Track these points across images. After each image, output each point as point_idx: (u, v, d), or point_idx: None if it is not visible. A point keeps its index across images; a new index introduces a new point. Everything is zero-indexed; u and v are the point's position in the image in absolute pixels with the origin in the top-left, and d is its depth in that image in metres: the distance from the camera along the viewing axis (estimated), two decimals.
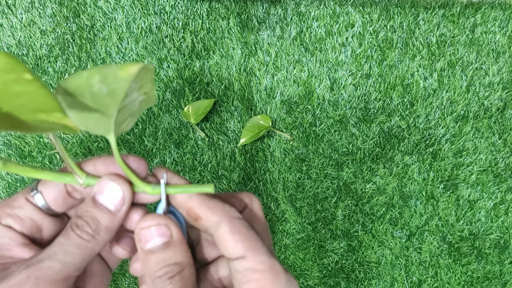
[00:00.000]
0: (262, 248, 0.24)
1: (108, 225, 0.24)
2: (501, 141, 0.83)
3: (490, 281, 0.82)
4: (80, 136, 0.84)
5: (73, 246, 0.23)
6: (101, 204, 0.24)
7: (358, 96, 0.83)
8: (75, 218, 0.24)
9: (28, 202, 0.25)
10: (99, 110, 0.20)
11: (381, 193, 0.83)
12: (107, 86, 0.19)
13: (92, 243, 0.24)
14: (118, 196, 0.24)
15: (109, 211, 0.24)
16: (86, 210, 0.24)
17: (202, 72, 0.84)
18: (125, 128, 0.24)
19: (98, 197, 0.24)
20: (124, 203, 0.24)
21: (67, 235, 0.23)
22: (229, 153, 0.84)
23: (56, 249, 0.23)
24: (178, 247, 0.24)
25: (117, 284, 0.84)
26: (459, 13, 0.84)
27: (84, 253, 0.23)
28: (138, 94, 0.21)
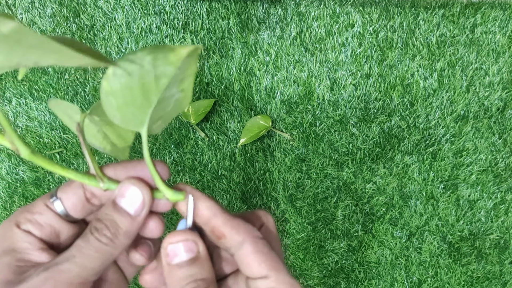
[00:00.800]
0: (283, 268, 0.24)
1: (128, 229, 0.24)
2: (501, 141, 0.83)
3: (490, 281, 0.82)
4: None
5: (92, 249, 0.23)
6: (121, 208, 0.24)
7: (358, 96, 0.83)
8: (94, 222, 0.24)
9: (47, 208, 0.25)
10: (141, 96, 0.20)
11: (381, 193, 0.83)
12: (155, 69, 0.19)
13: (111, 246, 0.24)
14: (139, 200, 0.24)
15: (129, 215, 0.24)
16: (106, 213, 0.24)
17: (202, 72, 0.84)
18: (156, 130, 0.24)
19: (119, 201, 0.24)
20: (144, 208, 0.24)
21: (86, 239, 0.23)
22: (229, 153, 0.84)
23: (75, 252, 0.23)
24: (204, 263, 0.25)
25: None
26: (459, 13, 0.84)
27: (102, 257, 0.23)
28: (176, 90, 0.21)
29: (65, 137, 0.84)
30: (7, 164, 0.85)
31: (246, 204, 0.83)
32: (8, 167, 0.85)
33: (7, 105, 0.87)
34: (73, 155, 0.84)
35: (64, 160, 0.84)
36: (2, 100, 0.87)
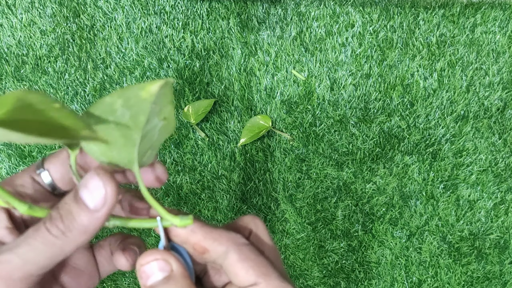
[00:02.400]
0: (273, 272, 0.23)
1: (83, 224, 0.21)
2: (501, 141, 0.83)
3: (490, 281, 0.82)
4: None
5: (40, 241, 0.20)
6: (80, 199, 0.21)
7: (358, 96, 0.83)
8: (53, 209, 0.21)
9: (32, 180, 0.23)
10: (123, 137, 0.20)
11: (381, 193, 0.83)
12: (130, 110, 0.19)
13: (62, 240, 0.21)
14: (100, 194, 0.21)
15: (87, 208, 0.21)
16: (65, 202, 0.21)
17: (202, 72, 0.84)
18: (146, 161, 0.23)
19: (81, 191, 0.21)
20: (105, 204, 0.21)
21: (37, 227, 0.21)
22: (229, 153, 0.84)
23: (21, 242, 0.20)
24: (179, 280, 0.23)
25: (117, 284, 0.84)
26: (459, 13, 0.84)
27: (50, 251, 0.21)
28: (158, 120, 0.21)
29: None
30: (7, 164, 0.85)
31: (246, 204, 0.83)
32: (8, 167, 0.85)
33: None
34: None
35: None
36: None
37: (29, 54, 0.87)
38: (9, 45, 0.87)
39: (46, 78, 0.86)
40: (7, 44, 0.87)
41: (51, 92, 0.86)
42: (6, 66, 0.86)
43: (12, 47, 0.87)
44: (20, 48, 0.87)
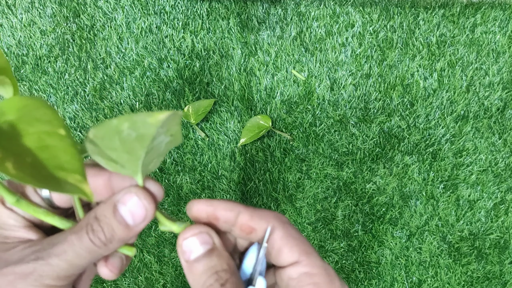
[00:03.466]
0: (314, 251, 0.24)
1: (122, 237, 0.24)
2: (501, 141, 0.83)
3: (490, 281, 0.82)
4: (80, 136, 0.84)
5: (84, 249, 0.23)
6: (121, 216, 0.23)
7: (358, 96, 0.83)
8: (92, 220, 0.24)
9: (32, 189, 0.25)
10: (127, 153, 0.21)
11: (381, 193, 0.83)
12: (136, 131, 0.20)
13: (103, 250, 0.24)
14: (141, 214, 0.24)
15: (127, 224, 0.23)
16: (105, 215, 0.23)
17: (202, 72, 0.84)
18: (152, 168, 0.24)
19: (120, 207, 0.23)
20: (145, 221, 0.24)
21: (80, 236, 0.23)
22: (229, 153, 0.84)
23: (67, 248, 0.23)
24: (222, 253, 0.24)
25: (117, 284, 0.84)
26: (459, 13, 0.84)
27: (92, 257, 0.24)
28: (165, 136, 0.22)
29: None
30: None
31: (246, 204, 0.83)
32: None
33: None
34: None
35: None
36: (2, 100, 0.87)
37: (29, 54, 0.87)
38: (9, 45, 0.87)
39: (46, 78, 0.86)
40: (7, 44, 0.87)
41: (51, 92, 0.86)
42: None
43: (12, 47, 0.87)
44: (20, 48, 0.87)
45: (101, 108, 0.84)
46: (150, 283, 0.83)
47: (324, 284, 0.23)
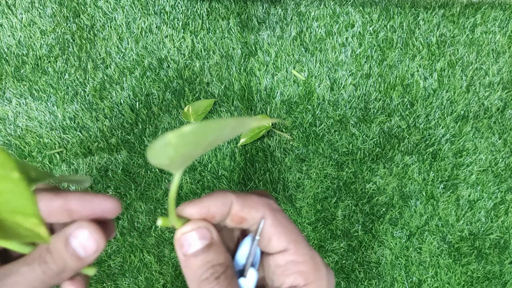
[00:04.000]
0: (303, 240, 0.24)
1: (75, 267, 0.24)
2: (501, 141, 0.83)
3: (490, 281, 0.82)
4: (80, 136, 0.84)
5: (36, 279, 0.24)
6: (73, 249, 0.24)
7: (358, 96, 0.83)
8: (44, 252, 0.24)
9: None
10: (194, 150, 0.21)
11: (381, 193, 0.83)
12: (218, 137, 0.20)
13: (55, 280, 0.24)
14: (92, 246, 0.24)
15: (79, 256, 0.24)
16: (57, 248, 0.24)
17: (202, 72, 0.84)
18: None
19: (72, 241, 0.24)
20: (96, 252, 0.24)
21: (32, 268, 0.24)
22: (229, 153, 0.84)
23: (19, 280, 0.24)
24: (219, 248, 0.25)
25: (117, 284, 0.85)
26: (459, 13, 0.84)
27: (47, 281, 0.24)
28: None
29: (65, 137, 0.84)
30: None
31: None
32: None
33: (7, 105, 0.87)
34: (73, 155, 0.84)
35: (64, 160, 0.84)
36: (2, 100, 0.87)
37: (29, 54, 0.87)
38: (9, 45, 0.87)
39: (46, 78, 0.86)
40: (7, 44, 0.87)
41: (51, 92, 0.86)
42: (6, 66, 0.86)
43: (12, 47, 0.87)
44: (20, 48, 0.87)
45: (101, 108, 0.84)
46: (150, 283, 0.83)
47: (310, 272, 0.23)
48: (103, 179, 0.84)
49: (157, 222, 0.25)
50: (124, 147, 0.84)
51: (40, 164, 0.85)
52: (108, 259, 0.85)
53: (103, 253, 0.84)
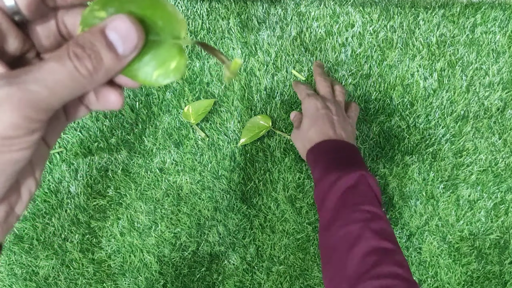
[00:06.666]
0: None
1: (111, 67, 0.22)
2: (501, 141, 0.83)
3: (490, 281, 0.82)
4: (80, 136, 0.84)
5: (67, 77, 0.21)
6: (111, 43, 0.21)
7: (358, 96, 0.83)
8: (75, 46, 0.21)
9: None
10: None
11: (381, 193, 0.83)
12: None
13: (88, 80, 0.21)
14: (132, 42, 0.22)
15: (116, 52, 0.22)
16: (91, 42, 0.21)
17: (202, 72, 0.84)
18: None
19: (109, 33, 0.21)
20: (134, 51, 0.22)
21: (62, 63, 0.21)
22: (229, 153, 0.84)
23: (47, 75, 0.20)
24: None
25: (117, 284, 0.85)
26: (459, 13, 0.84)
27: (75, 88, 0.21)
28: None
29: (65, 137, 0.84)
30: None
31: (246, 204, 0.83)
32: None
33: None
34: (73, 155, 0.84)
35: (64, 160, 0.84)
36: None
37: None
38: None
39: None
40: None
41: None
42: None
43: None
44: None
45: None
46: (150, 283, 0.83)
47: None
48: (103, 179, 0.84)
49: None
50: (124, 147, 0.84)
51: None
52: (108, 259, 0.85)
53: (103, 253, 0.84)
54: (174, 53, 0.23)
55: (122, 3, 0.22)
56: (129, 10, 0.22)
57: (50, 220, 0.84)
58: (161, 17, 0.22)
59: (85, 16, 0.22)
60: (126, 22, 0.21)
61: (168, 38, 0.23)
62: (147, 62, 0.23)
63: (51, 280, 0.84)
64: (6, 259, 0.85)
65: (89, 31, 0.21)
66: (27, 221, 0.84)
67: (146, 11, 0.22)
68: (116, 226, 0.84)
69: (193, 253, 0.84)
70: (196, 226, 0.84)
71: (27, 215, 0.84)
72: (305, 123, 0.71)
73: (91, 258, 0.84)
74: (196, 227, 0.84)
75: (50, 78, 0.20)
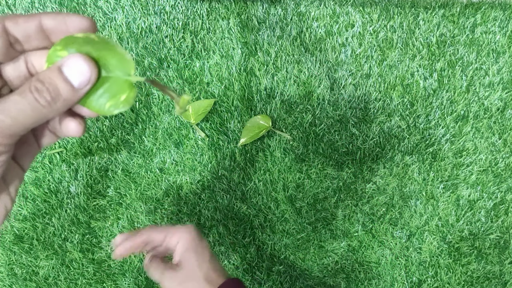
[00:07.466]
0: None
1: (67, 98, 0.25)
2: (501, 141, 0.83)
3: (490, 281, 0.82)
4: (80, 136, 0.84)
5: (28, 107, 0.24)
6: (66, 77, 0.25)
7: (358, 96, 0.83)
8: (35, 82, 0.25)
9: None
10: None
11: (381, 193, 0.83)
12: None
13: (47, 109, 0.25)
14: (86, 76, 0.25)
15: (72, 85, 0.25)
16: (50, 77, 0.25)
17: (202, 72, 0.84)
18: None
19: (65, 70, 0.25)
20: (88, 84, 0.26)
21: (24, 95, 0.24)
22: (229, 153, 0.83)
23: (11, 106, 0.24)
24: None
25: (117, 284, 0.85)
26: (459, 13, 0.84)
27: (36, 117, 0.25)
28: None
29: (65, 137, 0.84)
30: None
31: (246, 204, 0.83)
32: None
33: None
34: (73, 155, 0.84)
35: (64, 160, 0.84)
36: None
37: None
38: None
39: None
40: None
41: None
42: None
43: None
44: None
45: None
46: (150, 283, 0.83)
47: None
48: (103, 179, 0.84)
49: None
50: (124, 147, 0.84)
51: (40, 164, 0.85)
52: (108, 259, 0.85)
53: (103, 253, 0.84)
54: (124, 88, 0.27)
55: (81, 44, 0.26)
56: (86, 50, 0.26)
57: (50, 220, 0.84)
58: (113, 57, 0.26)
59: (50, 55, 0.26)
60: (80, 60, 0.25)
61: (120, 74, 0.27)
62: (101, 94, 0.27)
63: (51, 280, 0.84)
64: (6, 259, 0.85)
65: (48, 69, 0.25)
66: (27, 221, 0.84)
67: (101, 52, 0.26)
68: (116, 226, 0.84)
69: None
70: (196, 226, 0.84)
71: (27, 215, 0.84)
72: None
73: (91, 258, 0.84)
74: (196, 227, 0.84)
75: (13, 108, 0.24)
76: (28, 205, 0.84)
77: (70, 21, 0.26)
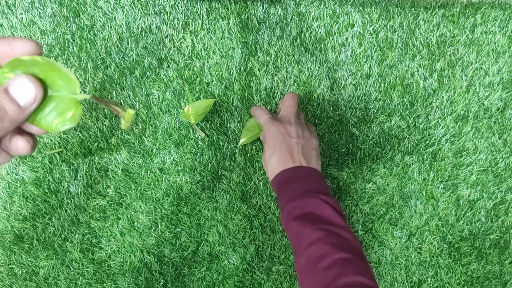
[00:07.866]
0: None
1: (14, 117, 0.27)
2: (501, 141, 0.83)
3: (490, 281, 0.82)
4: (80, 136, 0.84)
5: None
6: (12, 97, 0.26)
7: (358, 96, 0.83)
8: None
9: None
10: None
11: (381, 193, 0.83)
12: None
13: None
14: (31, 95, 0.27)
15: (18, 105, 0.26)
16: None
17: (202, 72, 0.84)
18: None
19: (11, 90, 0.26)
20: (34, 103, 0.27)
21: None
22: (229, 153, 0.83)
23: None
24: None
25: (117, 284, 0.85)
26: (459, 13, 0.84)
27: None
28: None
29: (65, 137, 0.84)
30: (7, 164, 0.85)
31: (246, 204, 0.83)
32: (8, 167, 0.85)
33: None
34: (73, 155, 0.84)
35: (64, 160, 0.84)
36: None
37: None
38: None
39: None
40: None
41: None
42: None
43: None
44: None
45: (101, 108, 0.84)
46: (150, 283, 0.83)
47: None
48: (103, 179, 0.84)
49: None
50: (124, 147, 0.84)
51: (40, 164, 0.85)
52: (108, 259, 0.85)
53: (103, 253, 0.84)
54: (71, 106, 0.28)
55: (27, 67, 0.27)
56: (33, 72, 0.27)
57: (50, 220, 0.84)
58: (59, 77, 0.28)
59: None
60: (26, 81, 0.27)
61: (66, 93, 0.28)
62: (49, 112, 0.28)
63: (51, 280, 0.84)
64: (6, 259, 0.85)
65: None
66: (27, 221, 0.84)
67: (47, 73, 0.28)
68: (116, 226, 0.84)
69: (193, 253, 0.84)
70: (196, 226, 0.84)
71: (27, 215, 0.84)
72: (266, 152, 0.72)
73: (91, 258, 0.84)
74: (196, 227, 0.84)
75: None
76: (28, 205, 0.84)
77: (15, 45, 0.27)
